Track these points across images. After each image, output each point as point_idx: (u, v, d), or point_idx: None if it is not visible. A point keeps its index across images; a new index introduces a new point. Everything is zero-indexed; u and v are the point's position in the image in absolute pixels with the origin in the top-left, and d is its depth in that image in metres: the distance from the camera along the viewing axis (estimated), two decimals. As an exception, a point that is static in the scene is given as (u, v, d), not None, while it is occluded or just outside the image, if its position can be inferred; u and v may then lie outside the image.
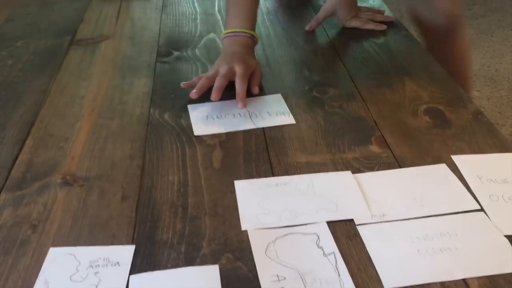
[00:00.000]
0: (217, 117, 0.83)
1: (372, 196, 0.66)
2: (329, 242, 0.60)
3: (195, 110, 0.86)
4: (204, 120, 0.83)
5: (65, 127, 0.82)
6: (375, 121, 0.82)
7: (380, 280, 0.55)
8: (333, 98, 0.89)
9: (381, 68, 0.97)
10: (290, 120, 0.83)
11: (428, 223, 0.62)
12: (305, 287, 0.54)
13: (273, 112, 0.85)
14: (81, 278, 0.56)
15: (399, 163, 0.72)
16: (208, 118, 0.83)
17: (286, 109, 0.85)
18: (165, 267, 0.57)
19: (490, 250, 0.58)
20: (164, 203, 0.67)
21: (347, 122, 0.82)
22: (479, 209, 0.64)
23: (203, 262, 0.58)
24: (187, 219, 0.64)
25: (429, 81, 0.91)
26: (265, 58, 1.01)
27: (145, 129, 0.81)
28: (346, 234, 0.61)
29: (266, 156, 0.75)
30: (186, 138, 0.79)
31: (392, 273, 0.55)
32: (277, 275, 0.56)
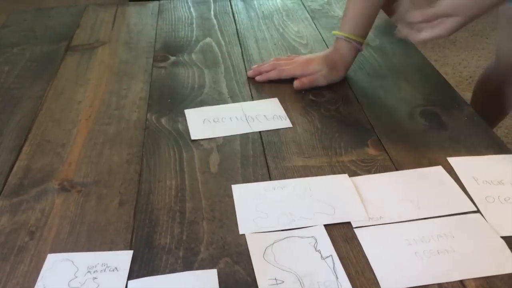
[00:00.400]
0: (214, 120, 0.84)
1: (369, 199, 0.66)
2: (327, 245, 0.60)
3: (192, 114, 0.86)
4: (201, 124, 0.83)
5: (62, 133, 0.82)
6: (371, 124, 0.82)
7: (378, 283, 0.55)
8: (330, 101, 0.89)
9: (376, 71, 0.98)
10: (286, 123, 0.83)
11: (425, 225, 0.62)
12: (303, 290, 0.54)
13: (269, 115, 0.85)
14: (79, 284, 0.56)
15: (396, 166, 0.73)
16: (205, 122, 0.83)
17: (282, 113, 0.85)
18: (163, 272, 0.57)
19: (487, 251, 0.58)
20: (161, 208, 0.67)
21: (344, 125, 0.82)
22: (476, 211, 0.64)
23: (201, 267, 0.58)
24: (184, 223, 0.64)
25: (424, 84, 0.92)
26: (261, 62, 1.01)
27: (142, 134, 0.82)
28: (344, 237, 0.61)
29: (263, 160, 0.75)
30: (183, 142, 0.79)
31: (390, 275, 0.56)
32: (275, 279, 0.56)
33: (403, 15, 0.72)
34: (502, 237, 0.60)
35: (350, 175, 0.71)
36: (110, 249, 0.61)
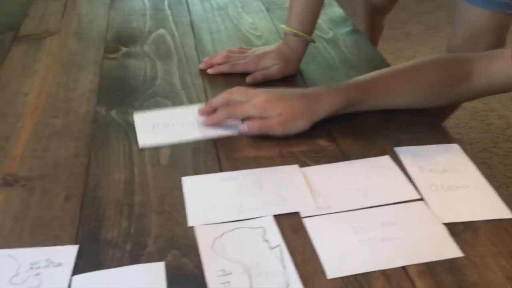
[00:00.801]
0: (164, 126, 0.79)
1: (318, 189, 0.67)
2: (275, 235, 0.60)
3: (141, 118, 0.81)
4: (150, 130, 0.78)
5: (6, 126, 0.79)
6: (322, 115, 0.83)
7: (324, 271, 0.56)
8: (282, 93, 0.89)
9: (329, 63, 0.99)
10: (239, 115, 0.82)
11: (370, 214, 0.63)
12: (250, 280, 0.55)
13: None
14: (21, 281, 0.54)
15: (345, 156, 0.74)
16: (155, 127, 0.79)
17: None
18: (109, 266, 0.56)
19: (429, 238, 0.60)
20: (109, 202, 0.65)
21: (295, 116, 0.83)
22: (420, 199, 0.66)
23: (149, 260, 0.57)
24: (133, 217, 0.63)
25: (374, 76, 0.93)
26: (215, 54, 1.01)
27: (90, 127, 0.80)
28: (292, 227, 0.62)
29: (214, 152, 0.75)
30: (133, 135, 0.78)
31: (335, 263, 0.56)
32: (223, 270, 0.56)
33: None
34: (444, 224, 0.62)
35: (300, 166, 0.71)
36: (55, 244, 0.59)
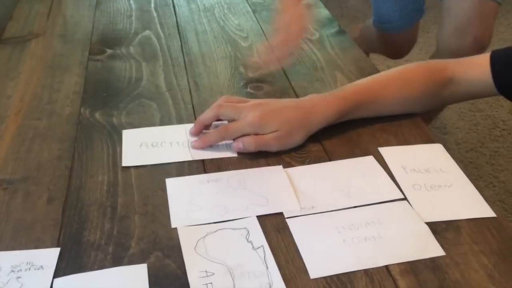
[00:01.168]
0: (152, 145, 0.75)
1: (302, 190, 0.67)
2: (259, 236, 0.60)
3: (129, 135, 0.77)
4: (137, 149, 0.74)
5: (-11, 129, 0.79)
6: (307, 115, 0.83)
7: (307, 271, 0.56)
8: (268, 94, 0.89)
9: (314, 64, 0.99)
10: (223, 116, 0.82)
11: (354, 214, 0.64)
12: (233, 281, 0.55)
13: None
14: (2, 284, 0.54)
15: (329, 157, 0.74)
16: (142, 146, 0.75)
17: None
18: (91, 268, 0.56)
19: (411, 237, 0.60)
20: (92, 204, 0.65)
21: (280, 117, 0.83)
22: (403, 198, 0.66)
23: (131, 262, 0.57)
24: (115, 219, 0.63)
25: (359, 76, 0.93)
26: (200, 55, 1.01)
27: (74, 129, 0.79)
28: (276, 227, 0.62)
29: (198, 153, 0.74)
30: (117, 137, 0.78)
31: (318, 263, 0.57)
32: (206, 271, 0.56)
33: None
34: (426, 223, 0.62)
35: (284, 167, 0.71)
36: (37, 247, 0.59)
